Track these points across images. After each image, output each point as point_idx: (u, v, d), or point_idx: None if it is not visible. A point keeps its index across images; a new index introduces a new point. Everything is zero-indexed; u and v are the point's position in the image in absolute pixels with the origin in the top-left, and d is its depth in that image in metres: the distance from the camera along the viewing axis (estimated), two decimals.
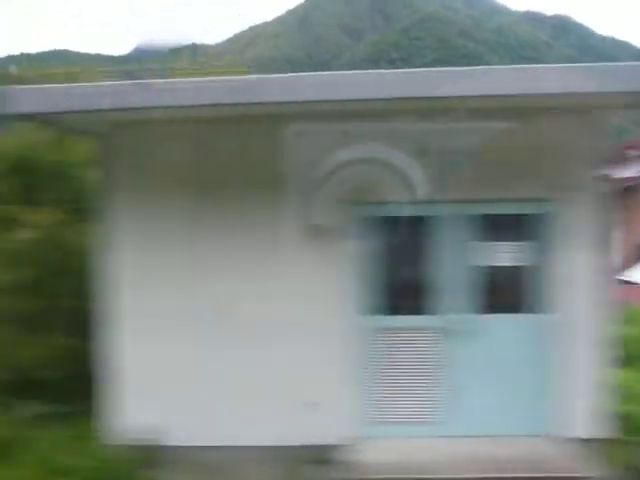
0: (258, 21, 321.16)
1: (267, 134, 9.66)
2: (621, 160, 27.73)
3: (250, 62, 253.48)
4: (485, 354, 9.91)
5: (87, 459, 8.65)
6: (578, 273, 9.62)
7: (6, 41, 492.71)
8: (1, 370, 10.71)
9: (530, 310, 9.95)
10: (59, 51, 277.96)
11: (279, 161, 9.68)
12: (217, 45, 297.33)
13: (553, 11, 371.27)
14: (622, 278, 29.20)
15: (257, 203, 9.83)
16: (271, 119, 9.42)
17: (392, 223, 9.90)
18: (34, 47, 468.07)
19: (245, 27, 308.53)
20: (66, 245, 12.67)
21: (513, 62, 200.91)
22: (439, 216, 9.94)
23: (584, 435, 9.49)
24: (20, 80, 17.22)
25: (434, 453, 9.30)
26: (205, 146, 9.96)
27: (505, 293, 10.14)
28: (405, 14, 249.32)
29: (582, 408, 9.57)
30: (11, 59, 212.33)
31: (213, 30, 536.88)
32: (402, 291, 10.07)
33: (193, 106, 8.51)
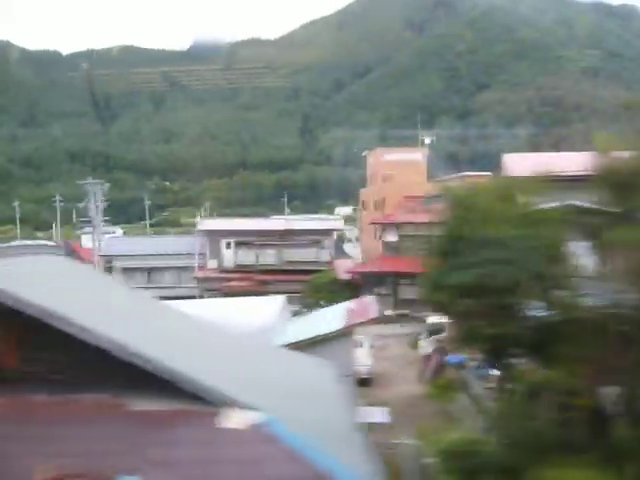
0: (317, 15, 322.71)
1: None
2: None
3: (312, 56, 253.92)
4: None
5: None
6: None
7: (71, 38, 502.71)
8: None
9: None
10: (125, 47, 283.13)
11: None
12: (276, 40, 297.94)
13: (620, 1, 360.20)
14: None
15: None
16: None
17: None
18: (100, 43, 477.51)
19: (306, 21, 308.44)
20: None
21: (582, 54, 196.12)
22: None
23: None
24: None
25: None
26: None
27: None
28: (468, 6, 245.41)
29: None
30: (76, 55, 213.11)
31: (272, 25, 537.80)
32: None
33: None
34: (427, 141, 73.85)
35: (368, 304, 25.84)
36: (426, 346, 33.93)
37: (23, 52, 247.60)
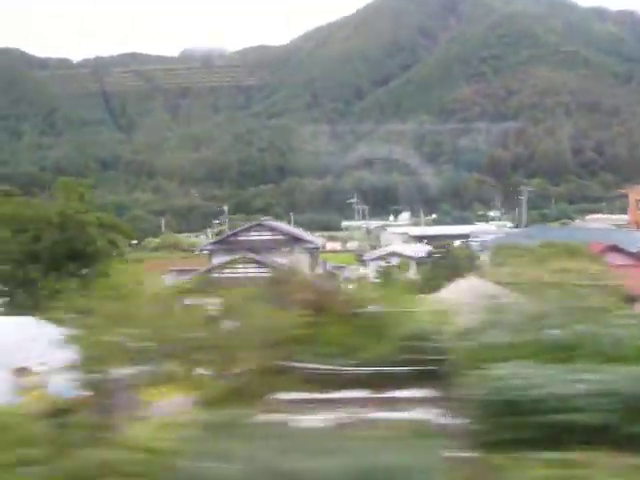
0: (323, 23, 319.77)
1: None
2: None
3: (322, 62, 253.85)
4: None
5: None
6: None
7: (80, 45, 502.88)
8: None
9: None
10: (132, 54, 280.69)
11: None
12: (282, 46, 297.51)
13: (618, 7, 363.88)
14: None
15: None
16: None
17: None
18: (106, 51, 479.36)
19: (310, 29, 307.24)
20: None
21: (608, 59, 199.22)
22: None
23: None
24: None
25: None
26: None
27: None
28: (481, 13, 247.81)
29: None
30: (87, 62, 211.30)
31: (279, 31, 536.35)
32: None
33: None
34: None
35: None
36: None
37: (35, 60, 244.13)
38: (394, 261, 55.46)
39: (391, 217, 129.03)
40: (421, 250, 63.75)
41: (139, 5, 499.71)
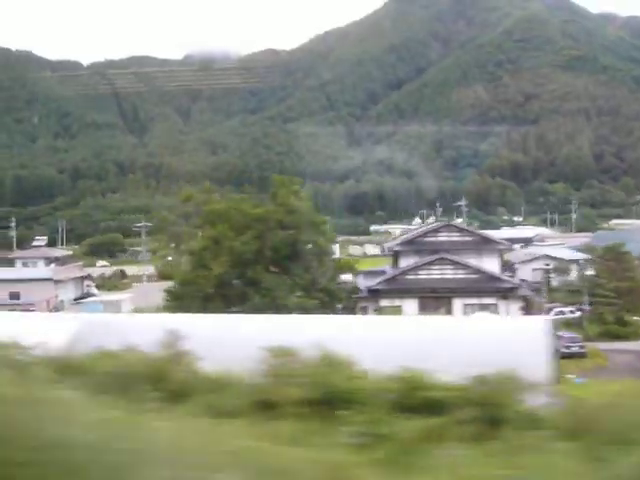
0: (332, 26, 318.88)
1: None
2: None
3: (334, 66, 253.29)
4: None
5: None
6: None
7: (89, 49, 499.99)
8: None
9: None
10: (142, 57, 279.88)
11: None
12: (292, 50, 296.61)
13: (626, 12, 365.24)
14: None
15: None
16: None
17: None
18: (116, 54, 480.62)
19: (319, 33, 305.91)
20: None
21: (626, 64, 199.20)
22: None
23: None
24: None
25: None
26: None
27: None
28: (489, 17, 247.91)
29: None
30: (96, 65, 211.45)
31: (288, 35, 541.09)
32: None
33: None
34: None
35: None
36: None
37: (45, 62, 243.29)
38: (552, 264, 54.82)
39: (417, 220, 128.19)
40: (568, 254, 61.32)
41: (146, 8, 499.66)
